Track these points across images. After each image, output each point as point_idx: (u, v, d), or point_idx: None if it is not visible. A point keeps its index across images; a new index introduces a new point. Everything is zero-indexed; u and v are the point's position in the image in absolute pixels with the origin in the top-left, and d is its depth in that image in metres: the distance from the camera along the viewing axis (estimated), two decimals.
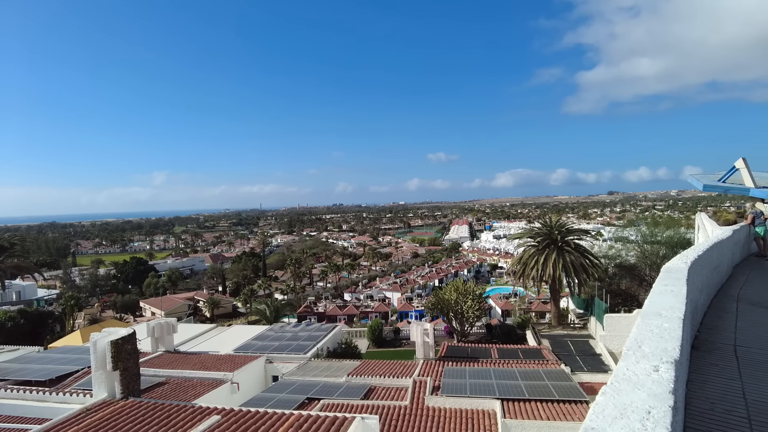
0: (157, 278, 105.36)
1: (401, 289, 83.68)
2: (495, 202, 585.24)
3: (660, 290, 5.18)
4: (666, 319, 4.16)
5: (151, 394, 17.78)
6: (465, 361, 21.34)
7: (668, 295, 4.93)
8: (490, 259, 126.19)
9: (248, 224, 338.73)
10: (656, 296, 4.98)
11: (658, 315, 4.30)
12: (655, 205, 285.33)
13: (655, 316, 4.27)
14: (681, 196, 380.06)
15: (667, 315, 4.29)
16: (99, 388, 11.29)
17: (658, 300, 4.79)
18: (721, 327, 6.55)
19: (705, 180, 21.93)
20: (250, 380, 21.04)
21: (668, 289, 5.12)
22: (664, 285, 5.35)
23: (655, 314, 4.33)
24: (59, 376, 19.65)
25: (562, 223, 35.56)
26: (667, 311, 4.38)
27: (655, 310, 4.46)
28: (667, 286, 5.28)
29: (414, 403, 15.87)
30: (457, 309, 32.88)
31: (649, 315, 4.35)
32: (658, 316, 4.28)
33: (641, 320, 4.23)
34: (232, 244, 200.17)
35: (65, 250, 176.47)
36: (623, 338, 23.21)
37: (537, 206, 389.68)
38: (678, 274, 5.79)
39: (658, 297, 4.93)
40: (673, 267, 6.35)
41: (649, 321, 4.15)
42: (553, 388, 16.74)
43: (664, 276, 5.89)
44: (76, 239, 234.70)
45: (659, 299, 4.82)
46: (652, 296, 5.03)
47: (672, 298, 4.77)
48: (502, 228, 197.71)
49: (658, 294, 5.05)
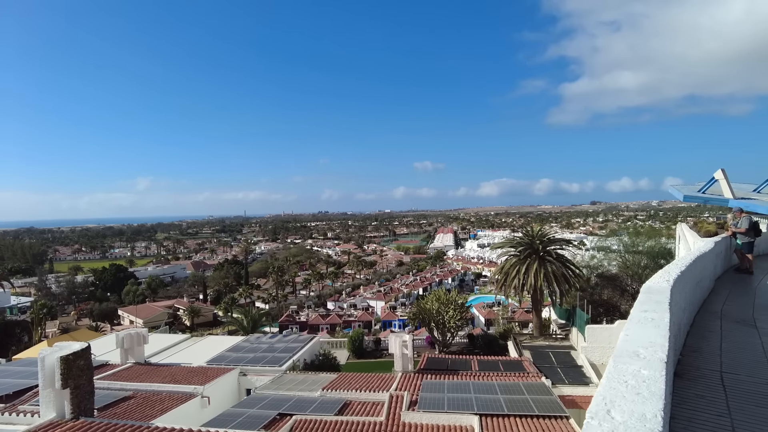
0: (136, 286, 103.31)
1: (385, 298, 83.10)
2: (480, 210, 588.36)
3: (638, 318, 4.31)
4: (645, 363, 3.26)
5: (115, 410, 16.94)
6: (444, 374, 20.82)
7: (648, 325, 4.08)
8: (474, 268, 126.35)
9: (232, 231, 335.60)
10: (634, 326, 4.10)
11: (635, 356, 3.38)
12: (636, 215, 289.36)
13: (632, 358, 3.36)
14: (662, 207, 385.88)
15: (646, 356, 3.39)
16: (47, 408, 10.51)
17: (636, 332, 3.91)
18: (705, 349, 6.08)
19: (685, 191, 21.94)
20: (222, 394, 20.26)
21: (648, 317, 4.28)
22: (643, 311, 4.49)
23: (632, 354, 3.42)
24: (17, 391, 18.62)
25: (543, 232, 35.41)
26: (646, 350, 3.48)
27: (632, 347, 3.53)
28: (647, 312, 4.43)
29: (389, 419, 15.29)
30: (439, 319, 32.46)
31: (624, 355, 3.43)
32: (635, 357, 3.37)
33: (613, 364, 3.30)
34: (214, 251, 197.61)
35: (42, 257, 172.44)
36: (605, 350, 22.94)
37: (521, 215, 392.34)
38: (660, 296, 4.99)
39: (635, 327, 4.05)
40: (655, 287, 5.55)
41: (624, 366, 3.24)
42: (533, 402, 16.30)
43: (644, 299, 5.05)
44: (54, 245, 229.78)
45: (637, 331, 3.95)
46: (629, 326, 4.15)
47: (653, 330, 3.91)
48: (486, 237, 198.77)
49: (636, 323, 4.17)
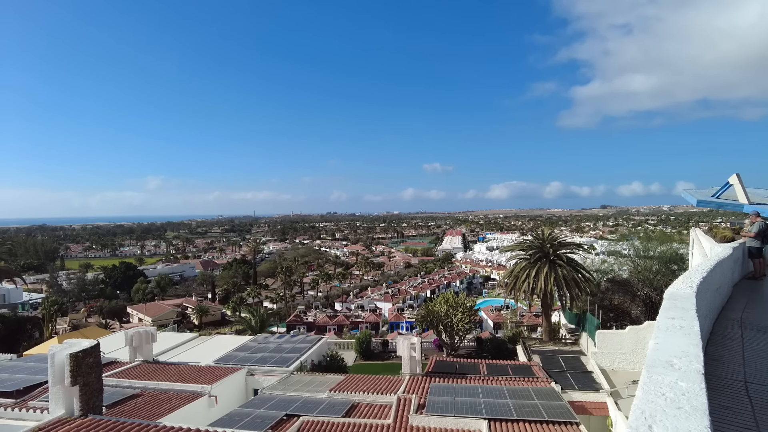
0: (146, 284, 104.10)
1: (393, 300, 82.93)
2: (489, 213, 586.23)
3: (667, 325, 4.04)
4: (682, 375, 2.98)
5: (123, 407, 16.97)
6: (453, 377, 20.66)
7: (678, 333, 3.82)
8: (482, 271, 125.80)
9: (241, 231, 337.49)
10: (663, 334, 3.83)
11: (669, 366, 3.13)
12: (647, 220, 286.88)
13: (666, 368, 3.10)
14: (673, 211, 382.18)
15: (681, 366, 3.12)
16: (56, 405, 10.52)
17: (667, 340, 3.66)
18: (727, 358, 5.83)
19: (699, 195, 21.57)
20: (230, 393, 20.24)
21: (677, 324, 4.02)
22: (670, 318, 4.23)
23: (666, 364, 3.16)
24: (27, 387, 18.72)
25: (554, 236, 35.12)
26: (680, 360, 3.22)
27: (665, 357, 3.28)
28: (674, 319, 4.17)
29: (397, 422, 15.17)
30: (447, 322, 32.27)
31: (658, 365, 3.16)
32: (670, 367, 3.11)
33: (647, 374, 3.06)
34: (223, 250, 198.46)
35: (54, 254, 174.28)
36: (615, 355, 22.60)
37: (530, 218, 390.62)
38: (685, 303, 4.73)
39: (665, 336, 3.79)
40: (678, 293, 5.29)
41: (659, 377, 2.97)
42: (543, 407, 16.12)
43: (669, 305, 4.78)
44: (66, 243, 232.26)
45: (668, 339, 3.70)
46: (659, 334, 3.88)
47: (684, 339, 3.66)
48: (495, 240, 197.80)
49: (665, 331, 3.90)
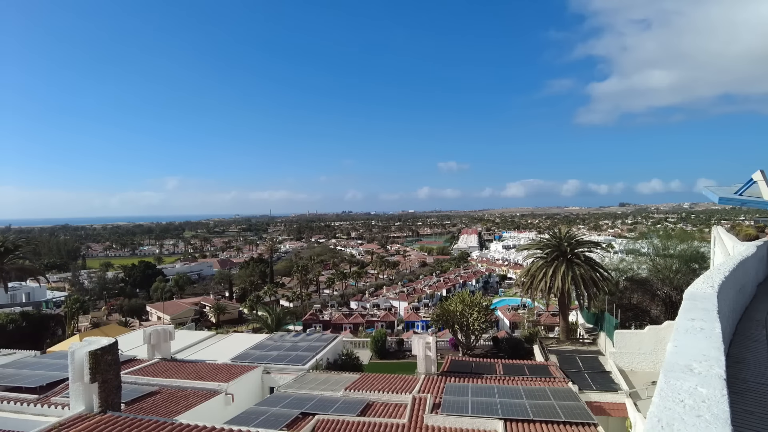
0: (164, 282, 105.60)
1: (408, 299, 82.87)
2: (505, 211, 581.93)
3: (686, 327, 3.83)
4: (702, 380, 2.82)
5: (142, 404, 17.24)
6: (468, 377, 20.55)
7: (698, 335, 3.61)
8: (499, 270, 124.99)
9: (257, 230, 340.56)
10: (682, 337, 3.62)
11: (688, 370, 2.97)
12: (667, 218, 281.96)
13: (686, 373, 2.94)
14: (694, 209, 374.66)
15: (701, 371, 2.95)
16: (76, 401, 10.73)
17: (686, 343, 3.46)
18: (751, 360, 5.62)
19: (721, 192, 21.09)
20: (246, 391, 20.42)
21: (697, 326, 3.80)
22: (690, 319, 4.01)
23: (685, 369, 3.00)
24: (50, 383, 19.14)
25: (571, 234, 34.70)
26: (700, 364, 3.06)
27: (684, 361, 3.11)
28: (694, 321, 3.95)
29: (412, 422, 15.13)
30: (463, 321, 32.11)
31: (676, 370, 3.01)
32: (689, 372, 2.95)
33: (665, 379, 2.89)
34: (240, 249, 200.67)
35: (76, 253, 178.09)
36: (634, 355, 22.29)
37: (548, 217, 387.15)
38: (706, 303, 4.48)
39: (685, 338, 3.58)
40: (699, 293, 5.05)
41: (678, 383, 2.81)
42: (560, 408, 15.93)
43: (689, 305, 4.55)
44: (87, 242, 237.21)
45: (687, 342, 3.50)
46: (677, 336, 3.67)
47: (704, 342, 3.46)
48: (511, 238, 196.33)
49: (685, 333, 3.69)
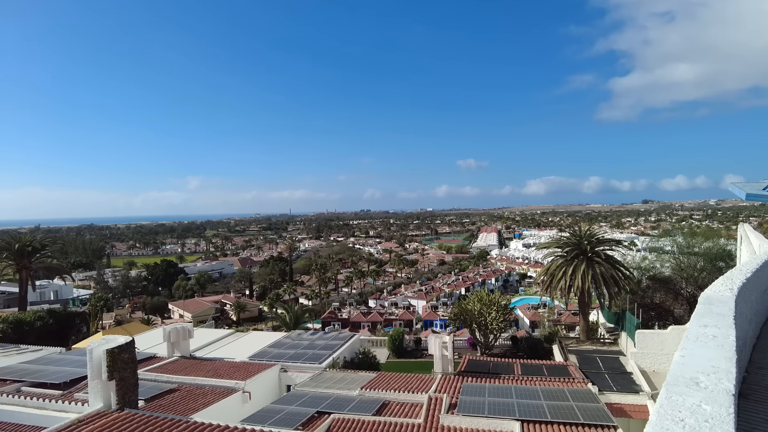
0: (186, 281, 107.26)
1: (426, 297, 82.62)
2: (525, 209, 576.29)
3: (697, 334, 3.50)
4: (707, 395, 2.58)
5: (161, 401, 17.47)
6: (485, 377, 20.34)
7: (709, 343, 3.30)
8: (519, 268, 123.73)
9: (277, 229, 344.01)
10: (691, 345, 3.31)
11: (694, 384, 2.70)
12: (692, 215, 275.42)
13: (690, 387, 2.68)
14: (720, 206, 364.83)
15: (708, 385, 2.70)
16: (94, 399, 10.93)
17: (695, 352, 3.15)
18: None
19: (748, 189, 20.43)
20: (263, 389, 20.56)
21: (709, 334, 3.47)
22: (702, 326, 3.67)
23: (689, 382, 2.73)
24: (74, 379, 19.50)
25: (592, 232, 34.12)
26: (708, 377, 2.78)
27: (690, 373, 2.81)
28: (707, 327, 3.61)
29: (428, 422, 15.03)
30: (481, 320, 31.82)
31: (680, 383, 2.76)
32: (695, 385, 2.69)
33: (666, 394, 2.63)
34: (261, 248, 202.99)
35: (101, 252, 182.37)
36: (656, 356, 21.80)
37: (569, 214, 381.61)
38: (722, 308, 4.09)
39: (693, 346, 3.27)
40: (715, 297, 4.66)
41: (680, 398, 2.57)
42: (578, 409, 15.64)
43: (703, 310, 4.16)
44: (112, 241, 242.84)
45: (696, 351, 3.19)
46: (686, 345, 3.35)
47: (715, 351, 3.15)
48: (532, 236, 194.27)
49: (694, 341, 3.37)
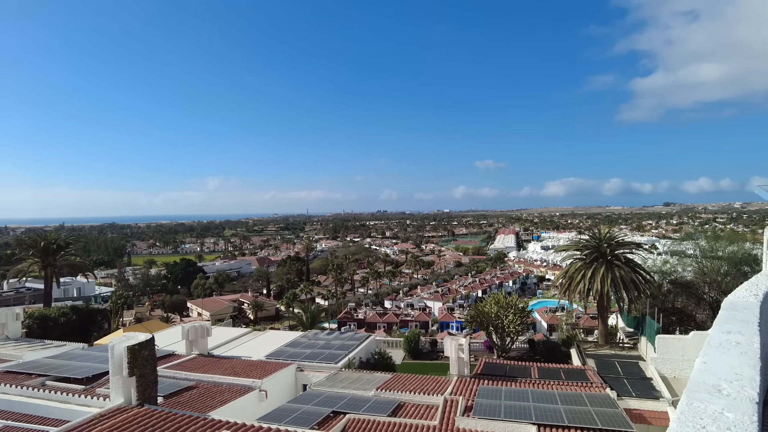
0: (204, 279, 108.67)
1: (443, 299, 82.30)
2: (544, 211, 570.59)
3: (719, 341, 3.37)
4: (730, 403, 2.45)
5: (179, 398, 17.75)
6: (502, 380, 20.20)
7: (732, 350, 3.16)
8: (537, 271, 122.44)
9: (295, 229, 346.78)
10: (714, 351, 3.17)
11: (716, 391, 2.55)
12: (716, 218, 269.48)
13: (712, 395, 2.53)
14: (746, 209, 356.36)
15: (731, 392, 2.56)
16: (116, 394, 11.18)
17: (717, 359, 3.01)
18: None
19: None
20: (279, 388, 20.73)
21: (732, 340, 3.34)
22: (725, 332, 3.54)
23: (711, 389, 2.58)
24: (96, 374, 19.96)
25: (612, 235, 33.61)
26: (731, 384, 2.63)
27: (712, 380, 2.68)
28: (730, 334, 3.48)
29: (443, 424, 14.98)
30: (498, 323, 31.60)
31: (701, 390, 2.60)
32: (717, 393, 2.54)
33: (687, 401, 2.53)
34: (278, 248, 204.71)
35: (122, 250, 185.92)
36: (677, 362, 21.41)
37: (588, 217, 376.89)
38: (746, 314, 3.91)
39: (716, 353, 3.13)
40: (739, 303, 4.48)
41: (701, 405, 2.45)
42: (596, 414, 15.43)
43: (726, 316, 4.01)
44: (133, 240, 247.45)
45: (718, 358, 3.05)
46: (708, 351, 3.22)
47: (739, 358, 3.01)
48: (550, 239, 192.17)
49: (717, 347, 3.24)
